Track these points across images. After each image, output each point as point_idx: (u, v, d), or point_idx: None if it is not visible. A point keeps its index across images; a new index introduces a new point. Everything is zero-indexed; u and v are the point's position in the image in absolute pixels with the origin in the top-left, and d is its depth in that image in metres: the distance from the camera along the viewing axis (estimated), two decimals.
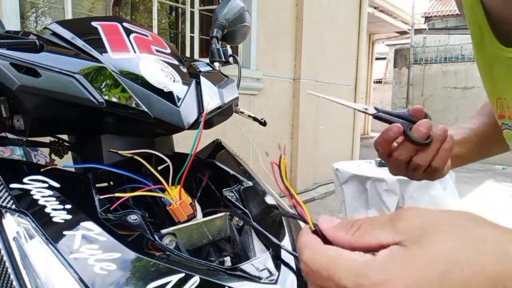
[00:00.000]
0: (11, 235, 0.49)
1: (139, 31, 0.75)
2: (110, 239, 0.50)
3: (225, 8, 1.00)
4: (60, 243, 0.48)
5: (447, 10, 10.51)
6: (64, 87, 0.58)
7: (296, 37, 4.18)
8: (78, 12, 5.03)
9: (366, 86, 11.22)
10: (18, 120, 0.62)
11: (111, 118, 0.64)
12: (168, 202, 0.64)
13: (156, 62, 0.70)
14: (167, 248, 0.54)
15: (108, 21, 0.73)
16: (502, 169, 6.91)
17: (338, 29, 4.94)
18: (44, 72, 0.57)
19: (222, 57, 0.99)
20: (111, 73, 0.63)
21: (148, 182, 0.67)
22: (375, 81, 13.74)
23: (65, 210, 0.53)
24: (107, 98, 0.60)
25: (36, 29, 4.76)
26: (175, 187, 0.66)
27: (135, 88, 0.64)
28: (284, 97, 4.14)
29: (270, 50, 3.87)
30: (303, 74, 4.22)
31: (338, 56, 5.01)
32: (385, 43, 13.44)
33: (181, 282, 0.46)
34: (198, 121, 0.69)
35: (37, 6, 4.83)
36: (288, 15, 4.08)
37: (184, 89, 0.71)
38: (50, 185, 0.56)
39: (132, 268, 0.48)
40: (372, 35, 10.99)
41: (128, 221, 0.56)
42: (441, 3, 11.00)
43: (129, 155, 0.67)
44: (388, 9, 8.82)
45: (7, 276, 0.46)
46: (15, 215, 0.51)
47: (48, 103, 0.59)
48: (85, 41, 0.66)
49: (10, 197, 0.53)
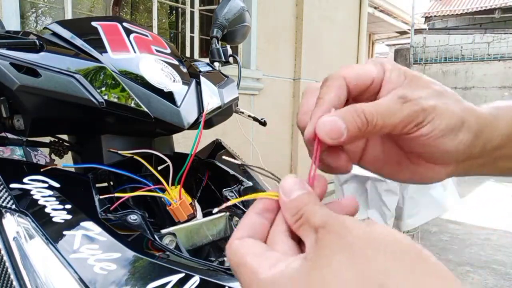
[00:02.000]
0: (11, 235, 0.49)
1: (139, 31, 0.75)
2: (110, 239, 0.50)
3: (225, 8, 1.00)
4: (60, 243, 0.48)
5: (447, 10, 10.51)
6: (64, 87, 0.58)
7: (296, 37, 4.18)
8: (78, 12, 5.02)
9: None
10: (18, 120, 0.63)
11: (111, 118, 0.64)
12: (168, 202, 0.64)
13: (156, 62, 0.70)
14: (167, 248, 0.54)
15: (108, 21, 0.73)
16: None
17: (338, 29, 4.94)
18: (44, 72, 0.57)
19: (222, 57, 0.99)
20: (111, 73, 0.63)
21: (148, 182, 0.67)
22: None
23: (65, 210, 0.53)
24: (107, 98, 0.60)
25: (36, 29, 4.76)
26: (175, 187, 0.66)
27: (135, 88, 0.64)
28: (284, 97, 4.13)
29: (270, 50, 3.87)
30: (303, 74, 4.22)
31: (338, 56, 5.01)
32: (385, 43, 13.43)
33: (181, 282, 0.46)
34: (198, 121, 0.69)
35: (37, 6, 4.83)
36: (288, 15, 4.08)
37: (184, 89, 0.71)
38: (50, 185, 0.56)
39: (132, 268, 0.48)
40: (372, 35, 10.98)
41: (128, 221, 0.56)
42: (441, 3, 11.00)
43: (129, 155, 0.67)
44: (388, 9, 8.81)
45: (7, 276, 0.46)
46: (15, 215, 0.51)
47: (48, 103, 0.59)
48: (85, 41, 0.66)
49: (10, 197, 0.53)
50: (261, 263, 0.23)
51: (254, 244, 0.25)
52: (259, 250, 0.24)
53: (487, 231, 3.39)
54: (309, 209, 0.24)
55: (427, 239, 3.09)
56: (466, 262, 2.68)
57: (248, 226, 0.26)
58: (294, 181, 0.26)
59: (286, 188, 0.26)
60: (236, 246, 0.25)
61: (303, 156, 4.35)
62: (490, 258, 2.76)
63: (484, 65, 7.51)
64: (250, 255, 0.24)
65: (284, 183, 0.26)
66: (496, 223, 3.61)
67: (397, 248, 0.20)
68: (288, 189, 0.25)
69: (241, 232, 0.26)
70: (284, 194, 0.25)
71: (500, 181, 5.80)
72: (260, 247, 0.24)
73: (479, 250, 2.92)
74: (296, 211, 0.24)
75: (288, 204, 0.25)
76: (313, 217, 0.23)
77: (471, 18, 10.32)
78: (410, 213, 2.22)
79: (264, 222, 0.26)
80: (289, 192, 0.25)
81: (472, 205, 4.31)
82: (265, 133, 3.72)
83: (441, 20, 10.88)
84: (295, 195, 0.25)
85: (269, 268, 0.22)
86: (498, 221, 3.68)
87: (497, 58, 7.38)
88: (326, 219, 0.22)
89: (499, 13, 9.53)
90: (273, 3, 3.83)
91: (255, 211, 0.27)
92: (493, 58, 7.42)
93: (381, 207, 2.24)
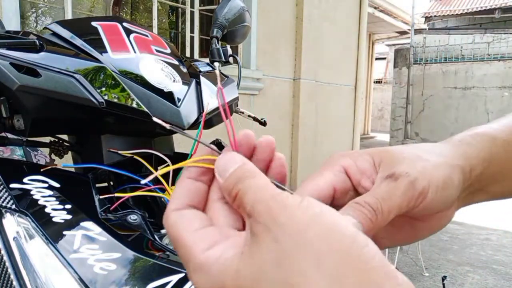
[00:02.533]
0: (11, 235, 0.49)
1: (139, 31, 0.75)
2: (110, 239, 0.50)
3: (225, 8, 1.00)
4: (60, 243, 0.48)
5: (447, 10, 10.51)
6: (64, 87, 0.58)
7: (296, 37, 4.18)
8: (78, 12, 5.02)
9: (366, 86, 11.22)
10: (18, 120, 0.62)
11: (111, 118, 0.64)
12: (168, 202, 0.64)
13: (156, 62, 0.70)
14: (167, 248, 0.54)
15: (108, 21, 0.72)
16: None
17: (338, 29, 4.94)
18: (44, 72, 0.57)
19: (222, 57, 0.99)
20: (111, 73, 0.63)
21: (148, 182, 0.67)
22: (375, 81, 13.75)
23: (65, 210, 0.53)
24: (107, 98, 0.60)
25: (36, 29, 4.76)
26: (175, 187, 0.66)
27: (135, 88, 0.64)
28: (284, 97, 4.13)
29: (270, 50, 3.87)
30: (303, 74, 4.21)
31: (338, 56, 5.01)
32: (385, 43, 13.45)
33: (181, 282, 0.46)
34: (198, 121, 0.69)
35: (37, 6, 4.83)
36: (288, 15, 4.07)
37: (184, 89, 0.70)
38: (50, 185, 0.56)
39: (132, 268, 0.48)
40: (372, 35, 10.99)
41: (128, 221, 0.56)
42: (441, 3, 11.00)
43: (129, 155, 0.67)
44: (388, 9, 8.82)
45: (7, 276, 0.46)
46: (15, 215, 0.51)
47: (48, 103, 0.59)
48: (85, 41, 0.66)
49: (10, 197, 0.53)
50: (196, 243, 0.21)
51: (192, 217, 0.23)
52: (197, 224, 0.22)
53: (487, 231, 3.39)
54: (242, 188, 0.22)
55: (427, 239, 3.09)
56: (466, 262, 2.68)
57: (184, 194, 0.24)
58: (229, 157, 0.24)
59: (220, 167, 0.24)
60: (173, 219, 0.23)
61: (303, 156, 4.35)
62: (490, 258, 2.76)
63: (484, 65, 7.51)
64: (186, 232, 0.22)
65: (218, 162, 0.24)
66: (496, 223, 3.61)
67: (329, 246, 0.18)
68: (222, 168, 0.23)
69: (177, 202, 0.24)
70: (219, 175, 0.23)
71: None
72: (198, 220, 0.23)
73: (479, 250, 2.92)
74: (231, 190, 0.22)
75: (224, 184, 0.23)
76: (244, 198, 0.21)
77: (471, 18, 10.32)
78: None
79: (200, 187, 0.25)
80: (224, 172, 0.23)
81: (472, 205, 4.30)
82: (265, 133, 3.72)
83: (441, 20, 10.88)
84: (228, 172, 0.23)
85: (204, 250, 0.21)
86: (498, 221, 3.68)
87: (497, 58, 7.38)
88: (253, 204, 0.21)
89: (499, 13, 9.53)
90: (273, 3, 3.83)
91: (189, 176, 0.25)
92: (493, 58, 7.42)
93: None
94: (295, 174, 4.38)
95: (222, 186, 0.23)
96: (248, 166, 0.23)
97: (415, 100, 8.26)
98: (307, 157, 4.43)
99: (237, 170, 0.23)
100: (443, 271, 2.50)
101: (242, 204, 0.22)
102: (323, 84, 4.69)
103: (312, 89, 4.38)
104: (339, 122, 5.18)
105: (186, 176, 0.25)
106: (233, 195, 0.22)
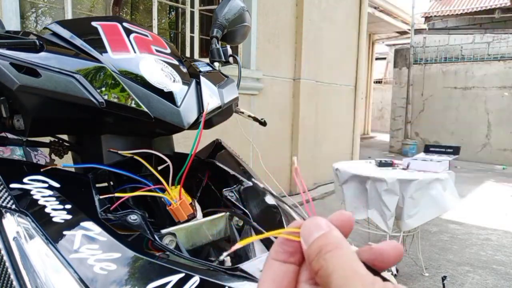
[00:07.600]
0: (11, 235, 0.49)
1: (139, 31, 0.75)
2: (110, 239, 0.50)
3: (225, 8, 1.00)
4: (60, 243, 0.48)
5: (447, 10, 10.51)
6: (64, 87, 0.58)
7: (296, 37, 4.18)
8: (78, 12, 5.02)
9: (366, 86, 11.22)
10: (18, 120, 0.62)
11: (111, 118, 0.64)
12: (168, 202, 0.64)
13: (156, 62, 0.70)
14: (167, 248, 0.54)
15: (108, 21, 0.72)
16: (502, 169, 6.91)
17: (338, 29, 4.94)
18: (44, 72, 0.57)
19: (222, 57, 0.99)
20: (111, 73, 0.63)
21: (148, 182, 0.67)
22: (375, 81, 13.74)
23: (65, 210, 0.53)
24: (107, 98, 0.60)
25: (36, 29, 4.75)
26: (175, 187, 0.66)
27: (135, 88, 0.64)
28: (284, 97, 4.13)
29: (270, 50, 3.87)
30: (303, 74, 4.21)
31: (338, 56, 5.01)
32: (385, 43, 13.43)
33: (181, 282, 0.46)
34: (198, 121, 0.69)
35: (37, 6, 4.83)
36: (288, 15, 4.07)
37: (184, 89, 0.70)
38: (50, 185, 0.56)
39: (132, 268, 0.48)
40: (372, 35, 10.99)
41: (128, 221, 0.56)
42: (441, 3, 11.00)
43: (129, 155, 0.67)
44: (388, 9, 8.82)
45: (7, 276, 0.46)
46: (15, 215, 0.51)
47: (48, 103, 0.59)
48: (85, 41, 0.66)
49: (10, 197, 0.53)
50: None
51: None
52: None
53: (487, 231, 3.39)
54: (326, 260, 0.21)
55: (427, 239, 3.09)
56: (466, 262, 2.68)
57: (272, 279, 0.23)
58: (314, 222, 0.23)
59: (305, 232, 0.22)
60: None
61: (303, 156, 4.34)
62: (490, 258, 2.76)
63: (484, 65, 7.51)
64: None
65: (303, 228, 0.23)
66: (496, 223, 3.61)
67: None
68: (307, 233, 0.22)
69: None
70: (304, 241, 0.22)
71: (500, 181, 5.80)
72: None
73: (479, 250, 2.92)
74: (313, 260, 0.21)
75: (307, 251, 0.22)
76: (329, 277, 0.20)
77: (471, 18, 10.32)
78: (410, 213, 2.22)
79: (289, 270, 0.23)
80: (308, 237, 0.22)
81: (472, 205, 4.31)
82: (265, 133, 3.72)
83: (441, 20, 10.88)
84: (313, 238, 0.22)
85: None
86: (498, 221, 3.68)
87: (497, 58, 7.37)
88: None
89: (499, 13, 9.52)
90: (273, 3, 3.83)
91: (276, 258, 0.23)
92: (493, 58, 7.42)
93: (381, 207, 2.24)
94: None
95: (306, 253, 0.22)
96: (334, 233, 0.22)
97: (415, 100, 8.26)
98: (307, 157, 4.43)
99: (322, 237, 0.22)
100: (443, 271, 2.50)
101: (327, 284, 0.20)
102: (323, 84, 4.69)
103: (312, 89, 4.39)
104: (339, 122, 5.18)
105: (273, 258, 0.24)
106: (315, 269, 0.21)
